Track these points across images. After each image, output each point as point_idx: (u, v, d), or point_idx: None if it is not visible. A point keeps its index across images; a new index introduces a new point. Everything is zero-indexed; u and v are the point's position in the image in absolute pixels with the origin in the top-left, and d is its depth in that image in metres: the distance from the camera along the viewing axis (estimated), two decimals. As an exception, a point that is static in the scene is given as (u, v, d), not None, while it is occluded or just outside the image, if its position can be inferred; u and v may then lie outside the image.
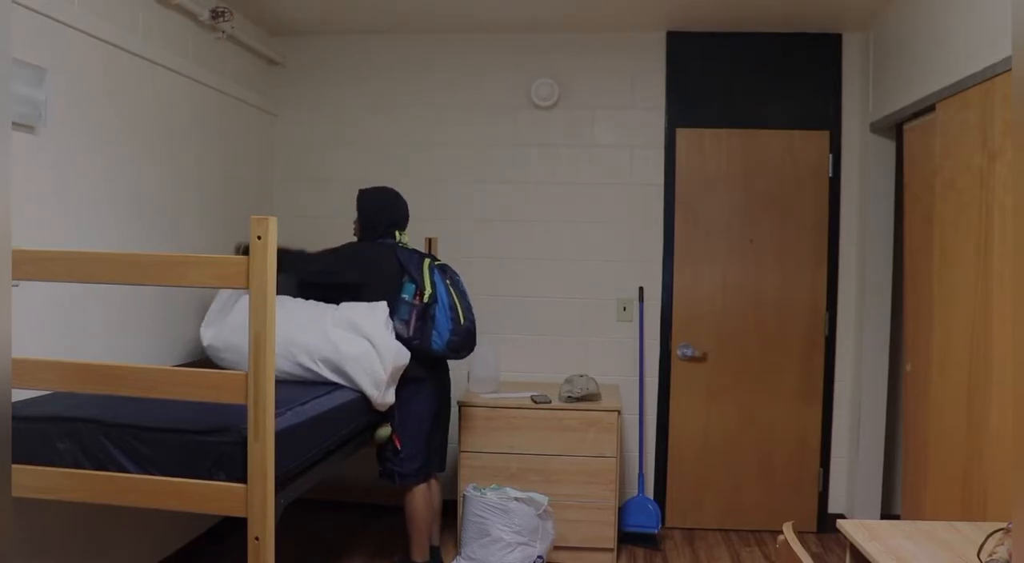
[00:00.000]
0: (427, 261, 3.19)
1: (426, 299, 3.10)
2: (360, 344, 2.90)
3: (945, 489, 2.86)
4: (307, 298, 3.24)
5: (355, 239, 3.37)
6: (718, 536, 4.03)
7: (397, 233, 3.30)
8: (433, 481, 3.42)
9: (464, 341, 3.16)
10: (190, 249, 3.47)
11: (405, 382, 3.13)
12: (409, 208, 3.36)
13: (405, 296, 3.11)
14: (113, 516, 2.91)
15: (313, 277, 3.26)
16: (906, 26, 3.39)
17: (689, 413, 4.11)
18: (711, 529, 4.10)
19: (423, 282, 3.12)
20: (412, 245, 3.36)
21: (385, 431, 3.15)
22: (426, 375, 3.20)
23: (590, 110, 4.17)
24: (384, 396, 2.96)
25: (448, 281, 3.17)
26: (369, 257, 3.22)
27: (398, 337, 3.10)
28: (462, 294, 3.19)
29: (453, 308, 3.13)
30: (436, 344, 3.12)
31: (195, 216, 3.56)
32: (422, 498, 3.24)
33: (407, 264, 3.15)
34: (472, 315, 3.19)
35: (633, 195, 4.15)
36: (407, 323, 3.09)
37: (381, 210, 3.29)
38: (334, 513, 4.16)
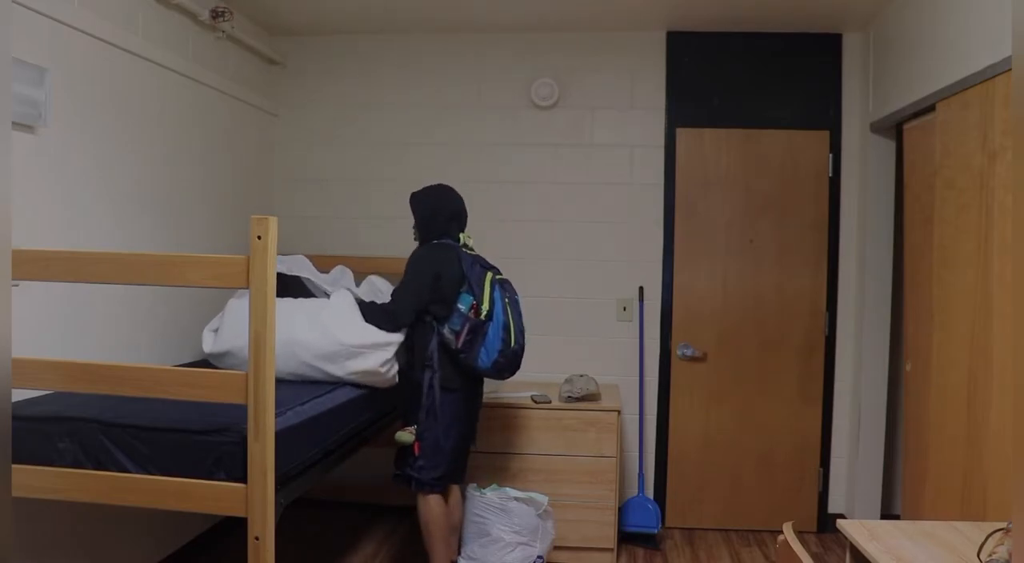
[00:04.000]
0: (490, 275, 3.09)
1: (482, 315, 3.02)
2: (361, 331, 2.94)
3: (945, 489, 2.86)
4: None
5: (416, 243, 3.23)
6: (718, 536, 4.03)
7: (460, 235, 3.18)
8: (455, 493, 3.29)
9: (509, 363, 3.07)
10: (190, 249, 3.47)
11: (440, 389, 3.04)
12: (464, 204, 3.24)
13: (461, 307, 3.00)
14: (113, 516, 2.91)
15: (418, 308, 3.06)
16: (906, 26, 3.39)
17: (689, 413, 4.11)
18: (711, 529, 4.10)
19: (482, 297, 3.02)
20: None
21: (408, 437, 3.03)
22: (459, 386, 3.09)
23: (590, 110, 4.17)
24: (389, 374, 3.01)
25: (507, 299, 3.08)
26: (435, 259, 3.07)
27: (444, 347, 3.02)
28: (518, 315, 3.10)
29: (506, 328, 3.02)
30: (482, 362, 3.02)
31: (195, 216, 3.56)
32: (438, 506, 3.12)
33: (469, 274, 3.05)
34: (523, 339, 3.10)
35: (633, 195, 4.15)
36: (457, 335, 3.00)
37: (434, 210, 3.16)
38: (334, 513, 4.16)
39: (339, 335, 2.91)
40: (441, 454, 3.06)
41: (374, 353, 2.95)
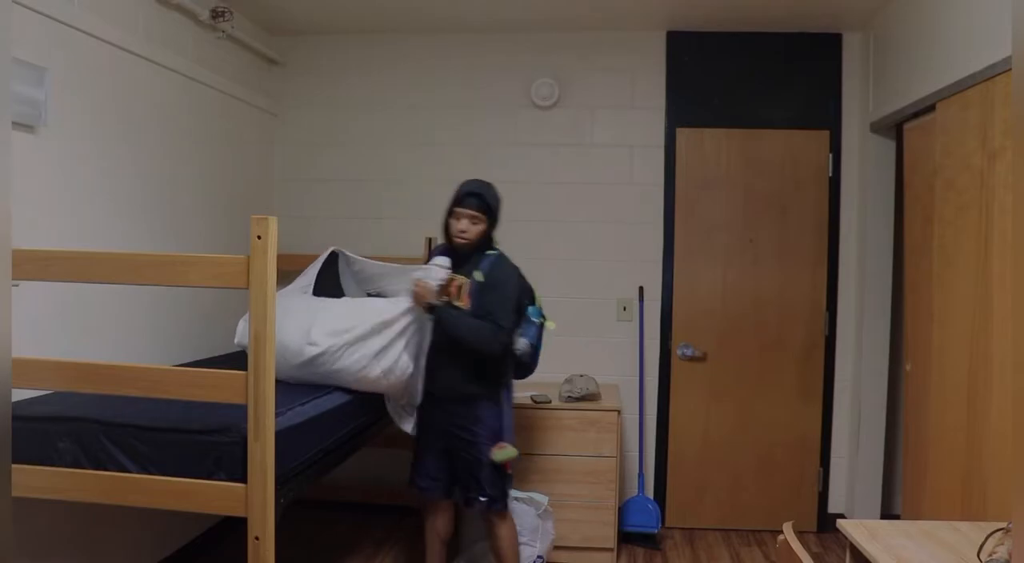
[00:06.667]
0: (533, 283, 3.10)
1: (548, 325, 3.04)
2: (332, 340, 2.75)
3: (945, 489, 2.86)
4: None
5: (437, 241, 3.09)
6: (718, 536, 4.03)
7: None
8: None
9: None
10: (190, 249, 3.47)
11: (511, 405, 2.96)
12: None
13: (535, 318, 2.97)
14: (113, 516, 2.91)
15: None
16: (906, 26, 3.39)
17: (689, 413, 4.11)
18: (711, 529, 4.10)
19: (538, 307, 3.04)
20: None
21: (513, 451, 2.85)
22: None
23: (590, 110, 4.17)
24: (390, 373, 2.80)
25: None
26: (516, 270, 2.97)
27: (519, 358, 2.94)
28: None
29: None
30: (535, 365, 3.07)
31: (195, 216, 3.56)
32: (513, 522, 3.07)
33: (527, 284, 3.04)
34: None
35: (633, 195, 4.15)
36: (533, 347, 2.96)
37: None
38: (334, 513, 4.16)
39: (312, 337, 2.71)
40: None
41: (350, 354, 2.75)
